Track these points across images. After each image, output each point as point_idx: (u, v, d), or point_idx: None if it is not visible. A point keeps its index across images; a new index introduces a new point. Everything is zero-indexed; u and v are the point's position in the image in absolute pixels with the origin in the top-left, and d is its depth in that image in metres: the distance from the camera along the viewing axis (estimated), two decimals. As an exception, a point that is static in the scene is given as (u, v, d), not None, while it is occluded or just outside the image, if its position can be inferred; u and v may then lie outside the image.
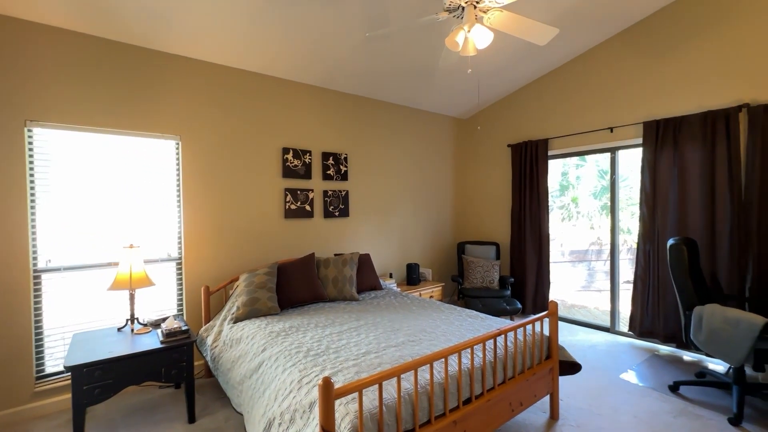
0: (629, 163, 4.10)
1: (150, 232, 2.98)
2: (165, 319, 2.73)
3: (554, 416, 2.43)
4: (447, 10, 2.24)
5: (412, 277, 4.40)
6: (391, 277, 4.40)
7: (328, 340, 2.28)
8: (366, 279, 3.61)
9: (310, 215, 3.81)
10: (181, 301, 3.12)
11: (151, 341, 2.40)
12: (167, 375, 2.34)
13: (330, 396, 1.35)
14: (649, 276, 3.55)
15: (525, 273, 4.57)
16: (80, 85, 2.67)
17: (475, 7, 2.18)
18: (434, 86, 4.28)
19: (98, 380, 2.12)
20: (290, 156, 3.66)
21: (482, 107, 5.15)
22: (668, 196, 3.44)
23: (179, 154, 3.09)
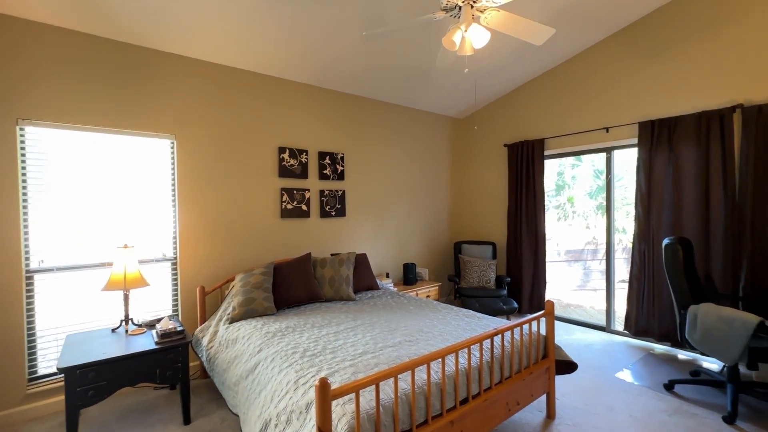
0: (624, 163, 4.12)
1: (145, 232, 2.95)
2: (160, 320, 2.71)
3: (551, 415, 2.44)
4: (444, 10, 2.24)
5: (409, 277, 4.39)
6: (388, 277, 4.39)
7: (325, 341, 2.27)
8: (363, 279, 3.61)
9: (307, 215, 3.79)
10: (176, 302, 3.10)
11: (146, 342, 2.38)
12: (162, 376, 2.32)
13: (327, 397, 1.35)
14: (645, 275, 3.57)
15: (521, 272, 4.58)
16: (74, 84, 2.63)
17: (472, 7, 2.18)
18: (431, 86, 4.28)
19: (92, 382, 2.10)
20: (286, 155, 3.64)
21: (479, 107, 5.16)
22: (663, 196, 3.46)
23: (174, 154, 3.06)
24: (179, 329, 2.46)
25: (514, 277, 4.66)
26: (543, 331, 3.32)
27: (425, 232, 5.02)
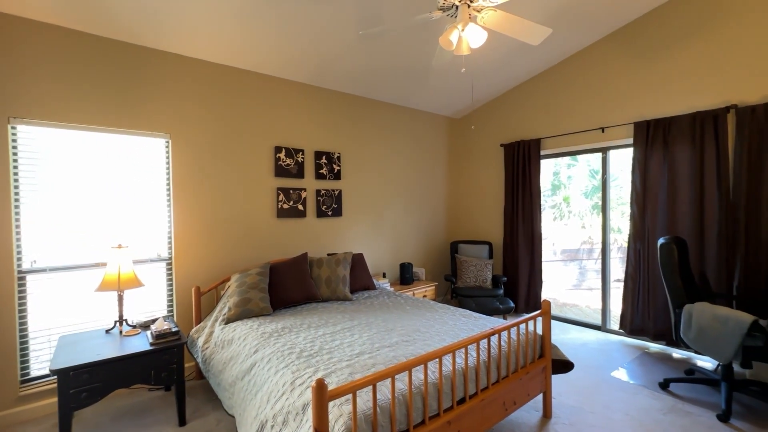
0: (619, 163, 4.14)
1: (139, 232, 2.93)
2: (155, 321, 2.69)
3: (547, 415, 2.45)
4: (441, 9, 2.23)
5: (406, 277, 4.39)
6: (385, 277, 4.39)
7: (322, 341, 2.26)
8: (359, 279, 3.60)
9: (303, 215, 3.78)
10: (172, 302, 3.07)
11: (141, 343, 2.36)
12: (157, 377, 2.30)
13: (323, 398, 1.34)
14: (640, 274, 3.59)
15: (518, 272, 4.60)
16: (67, 82, 2.60)
17: (469, 6, 2.18)
18: (428, 85, 4.28)
19: (85, 383, 2.07)
20: (282, 155, 3.62)
21: (475, 107, 5.16)
22: (658, 196, 3.48)
23: (169, 153, 3.04)
24: (174, 330, 2.44)
25: (511, 277, 4.67)
26: (539, 331, 3.33)
27: (422, 232, 5.02)
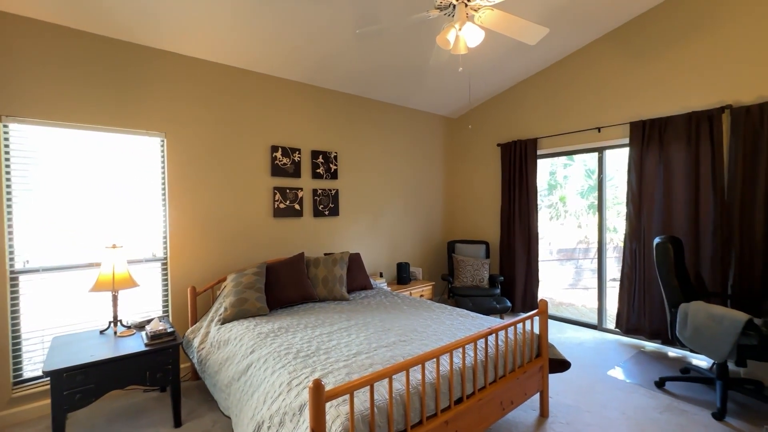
0: (615, 163, 4.16)
1: (134, 232, 2.90)
2: (150, 321, 2.66)
3: (544, 414, 2.45)
4: (438, 8, 2.23)
5: (403, 276, 4.39)
6: (382, 277, 4.38)
7: (318, 341, 2.25)
8: (356, 278, 3.59)
9: (300, 214, 3.76)
10: (167, 303, 3.05)
11: (136, 344, 2.34)
12: (152, 378, 2.28)
13: (320, 398, 1.33)
14: (635, 274, 3.60)
15: (514, 271, 4.60)
16: (60, 80, 2.57)
17: (466, 5, 2.17)
18: (425, 85, 4.27)
19: (79, 385, 2.05)
20: (279, 154, 3.60)
21: (472, 106, 5.16)
22: (654, 196, 3.50)
23: (164, 152, 3.01)
24: (170, 330, 2.42)
25: (508, 276, 4.68)
26: (536, 330, 3.34)
27: (419, 232, 5.02)
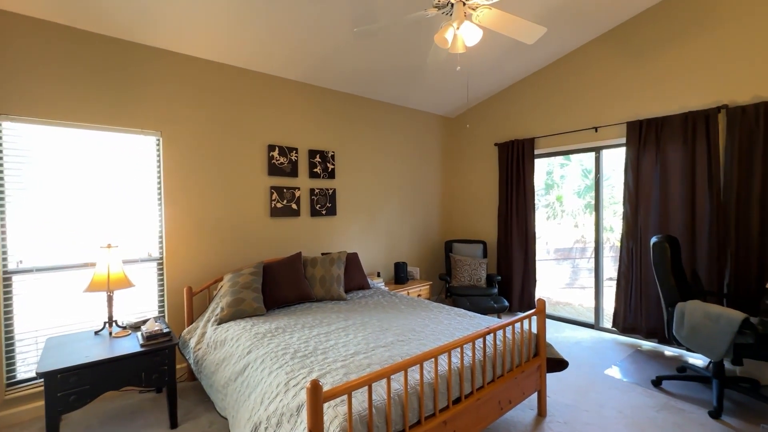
0: (611, 163, 4.17)
1: (129, 231, 2.87)
2: (145, 322, 2.64)
3: (542, 413, 2.45)
4: (436, 7, 2.22)
5: (400, 276, 4.38)
6: (379, 276, 4.37)
7: (316, 341, 2.24)
8: (354, 278, 3.58)
9: (297, 214, 3.74)
10: (163, 303, 3.02)
11: (131, 344, 2.32)
12: (148, 379, 2.26)
13: (318, 399, 1.32)
14: (632, 273, 3.61)
15: (512, 271, 4.61)
16: (55, 78, 2.54)
17: (464, 4, 2.17)
18: (423, 84, 4.26)
19: (74, 386, 2.03)
20: (276, 153, 3.59)
21: (470, 106, 5.16)
22: (651, 195, 3.51)
23: (160, 151, 2.99)
24: (165, 331, 2.40)
25: (505, 276, 4.68)
26: (534, 330, 3.34)
27: (416, 231, 5.01)
